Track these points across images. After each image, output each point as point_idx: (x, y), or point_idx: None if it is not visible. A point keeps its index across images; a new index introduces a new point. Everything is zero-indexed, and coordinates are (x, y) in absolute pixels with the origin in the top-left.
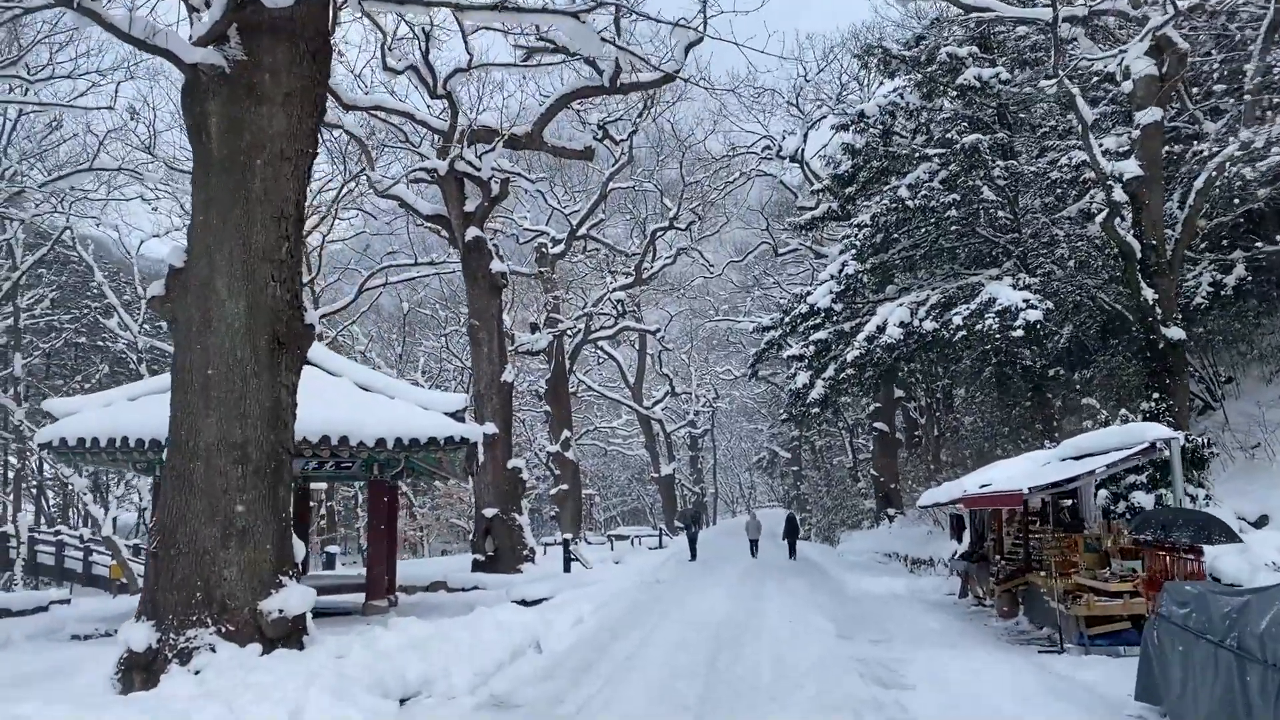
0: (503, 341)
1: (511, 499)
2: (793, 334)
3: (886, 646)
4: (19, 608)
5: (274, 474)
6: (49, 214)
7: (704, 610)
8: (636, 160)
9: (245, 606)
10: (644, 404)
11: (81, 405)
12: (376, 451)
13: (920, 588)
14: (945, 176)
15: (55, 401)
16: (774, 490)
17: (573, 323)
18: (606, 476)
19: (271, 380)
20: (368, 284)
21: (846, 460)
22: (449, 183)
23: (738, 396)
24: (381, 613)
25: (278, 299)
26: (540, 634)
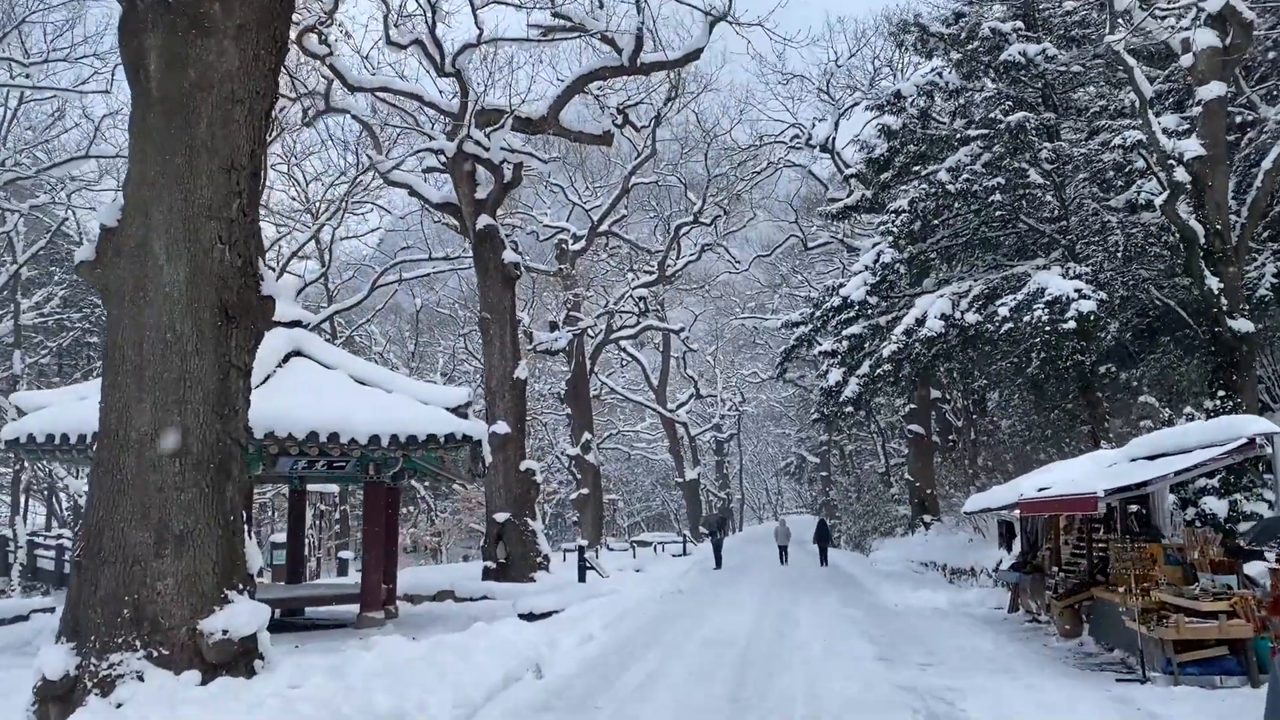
0: (516, 336)
1: (524, 503)
2: (824, 329)
3: (936, 672)
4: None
5: (219, 469)
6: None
7: (728, 627)
8: (660, 154)
9: (182, 626)
10: (668, 407)
11: (52, 399)
12: (370, 449)
13: (964, 601)
14: (988, 159)
15: (22, 395)
16: (802, 496)
17: (593, 321)
18: (630, 481)
19: (217, 359)
20: (381, 280)
21: (878, 465)
22: (459, 168)
23: (765, 400)
24: (376, 626)
25: (226, 264)
26: (542, 655)
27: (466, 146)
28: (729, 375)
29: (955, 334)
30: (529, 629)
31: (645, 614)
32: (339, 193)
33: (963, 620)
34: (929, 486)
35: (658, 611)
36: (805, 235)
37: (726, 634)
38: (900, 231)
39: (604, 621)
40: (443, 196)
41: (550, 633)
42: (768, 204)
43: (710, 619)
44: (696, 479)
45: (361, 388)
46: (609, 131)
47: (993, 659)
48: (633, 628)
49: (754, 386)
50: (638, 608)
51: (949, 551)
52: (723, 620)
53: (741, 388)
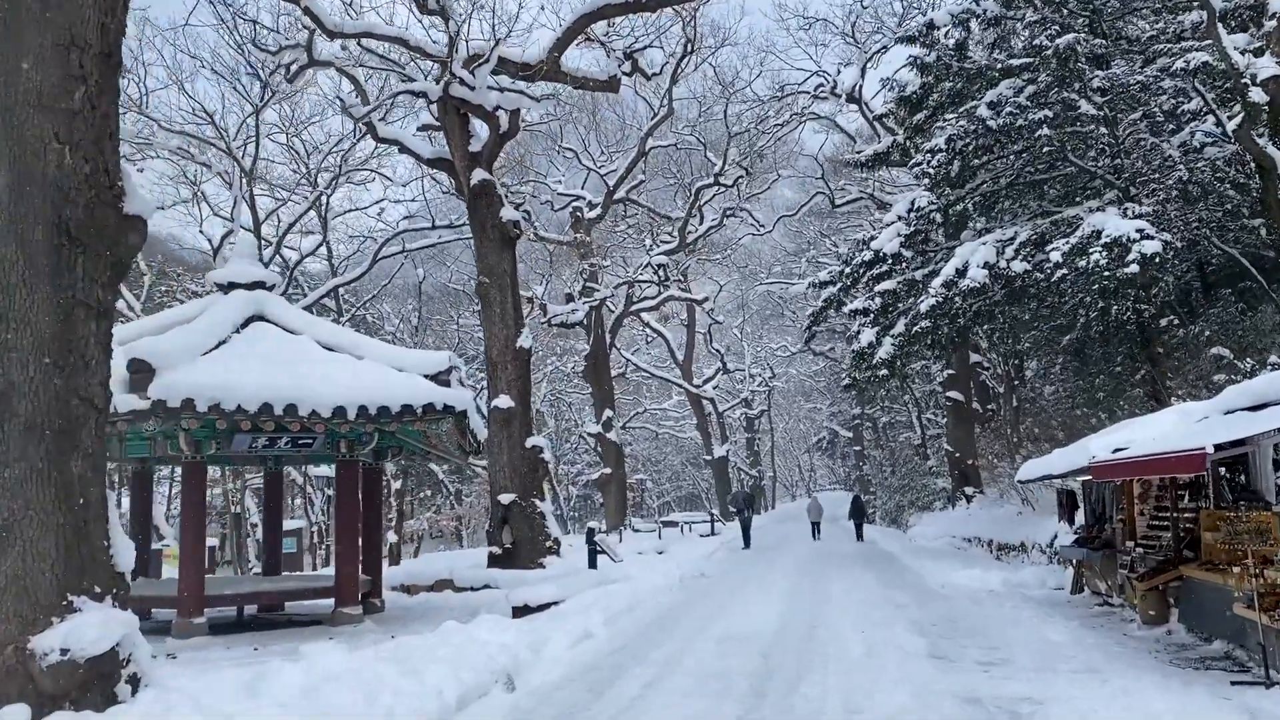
0: (518, 301)
1: (532, 483)
2: (854, 288)
3: (1003, 674)
4: None
5: (61, 437)
6: None
7: (752, 618)
8: (677, 114)
9: (7, 645)
10: (694, 383)
11: None
12: (335, 423)
13: (1020, 581)
14: (1033, 92)
15: None
16: (835, 472)
17: (611, 292)
18: (659, 461)
19: (54, 294)
20: (384, 253)
21: (914, 437)
22: (450, 118)
23: (794, 374)
24: (353, 622)
25: (66, 169)
26: (520, 661)
27: (453, 90)
28: (757, 349)
29: (1000, 286)
30: (512, 628)
31: (658, 604)
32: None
33: (1021, 604)
34: (970, 457)
35: (673, 600)
36: (832, 192)
37: (749, 626)
38: (937, 174)
39: (607, 615)
40: (435, 152)
41: (539, 631)
42: (792, 160)
43: (732, 608)
44: (726, 456)
45: (329, 354)
46: (615, 77)
47: (1069, 655)
48: (640, 622)
49: (783, 361)
50: (651, 597)
51: (995, 525)
52: (747, 610)
53: (770, 362)
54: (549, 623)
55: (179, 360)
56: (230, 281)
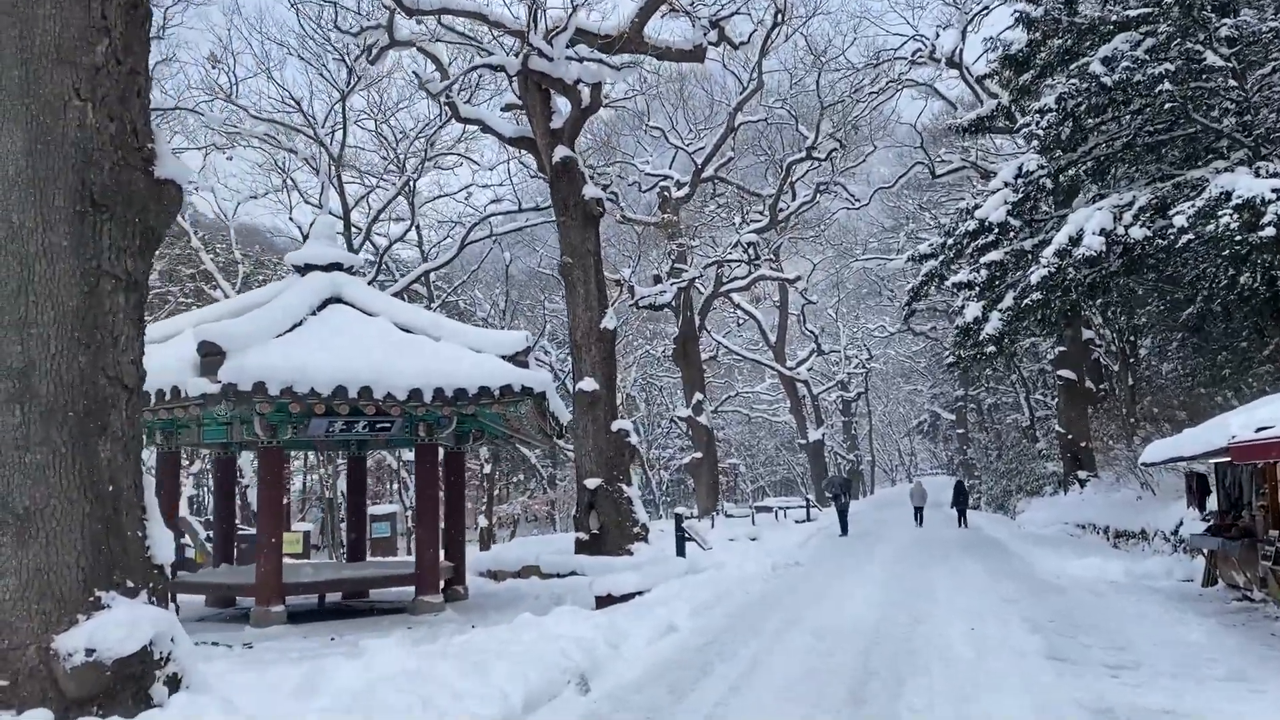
0: (602, 282)
1: (618, 467)
2: (958, 259)
3: (1134, 679)
4: None
5: (86, 419)
6: None
7: (848, 612)
8: (767, 87)
9: (29, 644)
10: (787, 365)
11: None
12: (411, 406)
13: (1144, 571)
14: (1152, 45)
15: None
16: (937, 456)
17: (700, 273)
18: (752, 445)
19: (79, 264)
20: (471, 237)
21: (1022, 418)
22: (531, 95)
23: (894, 355)
24: (433, 610)
25: (89, 129)
26: (598, 657)
27: (532, 63)
28: (853, 330)
29: (1117, 254)
30: (590, 620)
31: (748, 594)
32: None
33: (1148, 597)
34: (1083, 439)
35: (764, 591)
36: (932, 163)
37: (846, 621)
38: (1046, 136)
39: (693, 606)
40: (517, 131)
41: (619, 624)
42: (889, 130)
43: (827, 600)
44: (821, 440)
45: (406, 336)
46: (700, 46)
47: (1209, 658)
48: (728, 614)
49: (881, 341)
50: (740, 586)
51: (1111, 511)
52: (843, 601)
53: (867, 343)
54: (631, 614)
55: (251, 343)
56: (307, 263)
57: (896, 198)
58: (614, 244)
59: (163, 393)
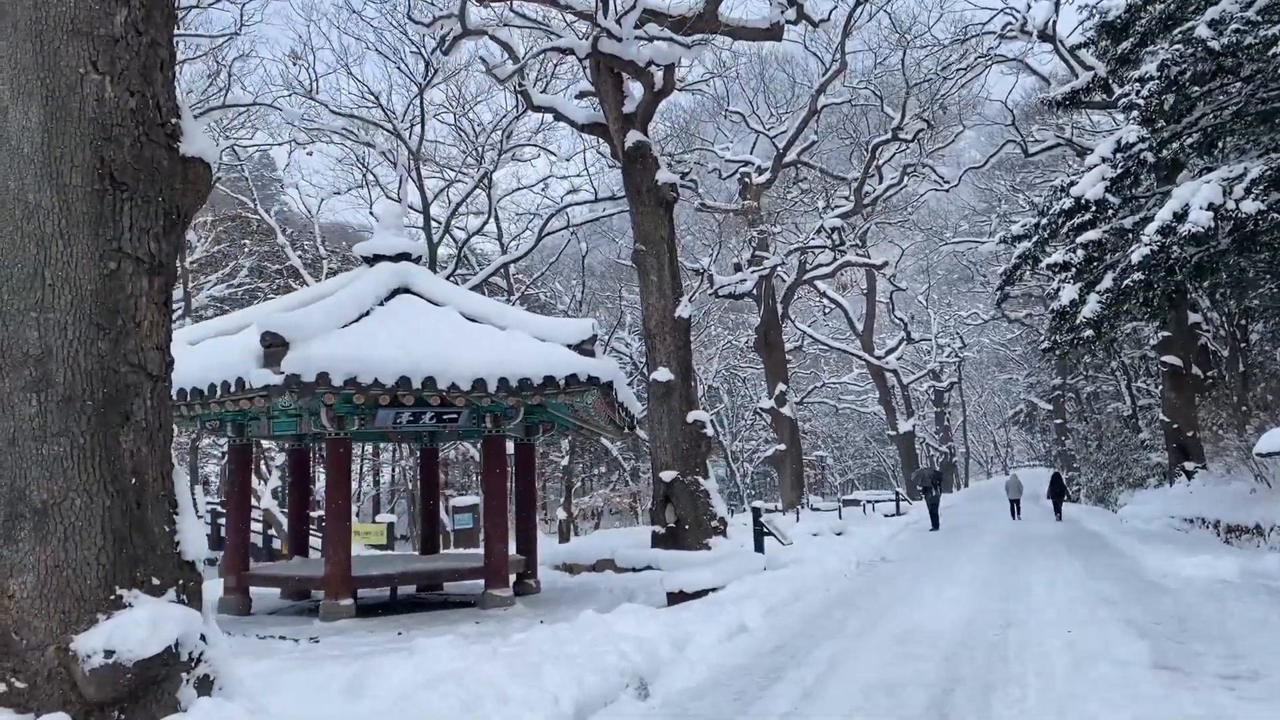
0: (676, 269)
1: (694, 459)
2: (1053, 239)
3: (1257, 693)
4: None
5: (107, 408)
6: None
7: (935, 612)
8: (850, 67)
9: (47, 645)
10: (875, 354)
11: None
12: (475, 396)
13: (1261, 570)
14: (1266, 4)
15: None
16: (1033, 447)
17: (782, 260)
18: (840, 437)
19: (98, 246)
20: (548, 228)
21: (1123, 408)
22: (603, 79)
23: (987, 344)
24: (503, 605)
25: (108, 104)
26: (660, 659)
27: (602, 45)
28: (944, 317)
29: (1227, 231)
30: (657, 619)
31: (828, 593)
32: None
33: (1266, 599)
34: (1190, 428)
35: (846, 589)
36: (1024, 141)
37: (931, 623)
38: (1148, 106)
39: (767, 605)
40: (590, 117)
41: (686, 623)
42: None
43: (913, 599)
44: (912, 432)
45: (472, 326)
46: (777, 24)
47: None
48: (805, 614)
49: (974, 329)
50: (820, 584)
51: (1222, 505)
52: (929, 601)
53: (959, 331)
54: (700, 613)
55: (316, 333)
56: (375, 254)
57: (987, 179)
58: (693, 232)
59: (227, 384)
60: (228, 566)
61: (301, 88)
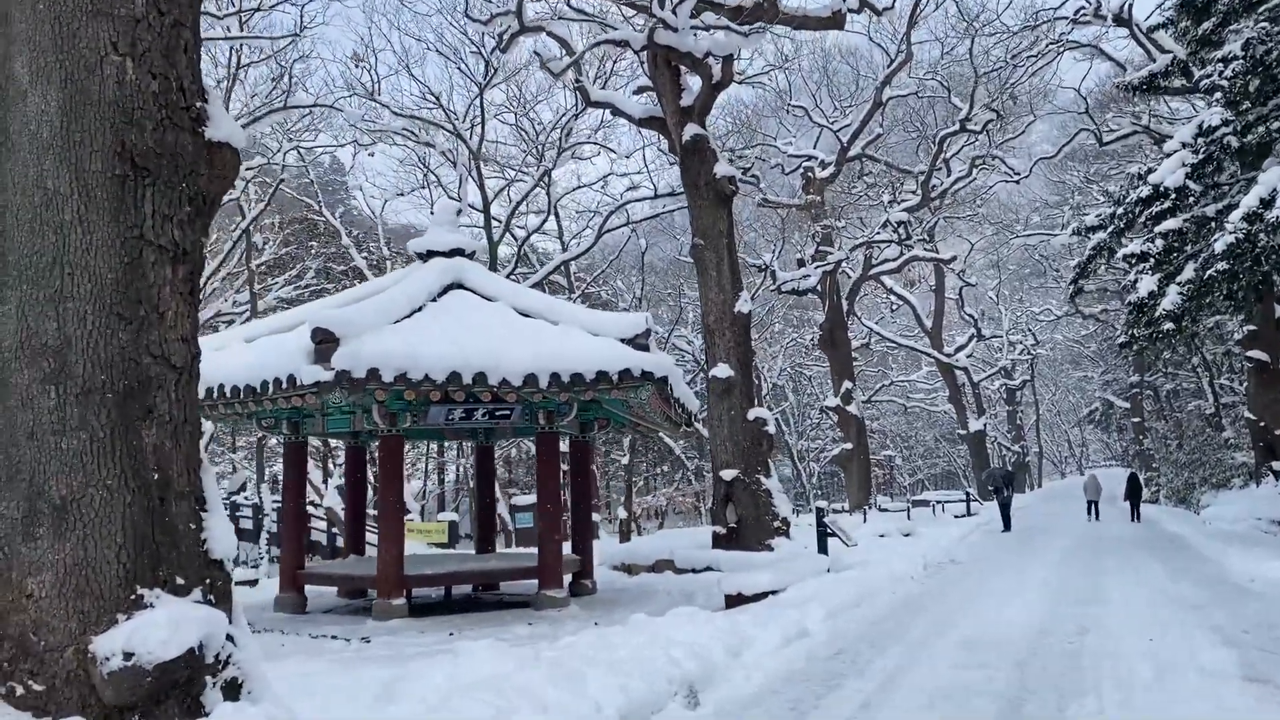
0: (735, 263)
1: (755, 458)
2: (1129, 229)
3: None
4: None
5: (128, 401)
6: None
7: (1005, 618)
8: (916, 58)
9: (66, 646)
10: (945, 352)
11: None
12: (527, 392)
13: None
14: None
15: None
16: (1110, 447)
17: (847, 255)
18: (909, 436)
19: (119, 233)
20: (608, 225)
21: (1205, 405)
22: (660, 72)
23: (1061, 340)
24: (557, 605)
25: (129, 86)
26: (714, 665)
27: (658, 37)
28: (1016, 314)
29: None
30: (712, 622)
31: (893, 597)
32: (569, 139)
33: None
34: (1278, 426)
35: (912, 592)
36: (1099, 129)
37: (1001, 629)
38: (1232, 87)
39: (829, 608)
40: (647, 111)
41: (742, 627)
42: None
43: (982, 603)
44: (983, 431)
45: (524, 321)
46: (839, 13)
47: None
48: (868, 618)
49: (1047, 326)
50: (886, 587)
51: None
52: (1000, 606)
53: (1032, 327)
54: (759, 616)
55: (366, 329)
56: (429, 249)
57: (1060, 170)
58: (755, 228)
59: (279, 381)
60: (283, 565)
61: (364, 89)
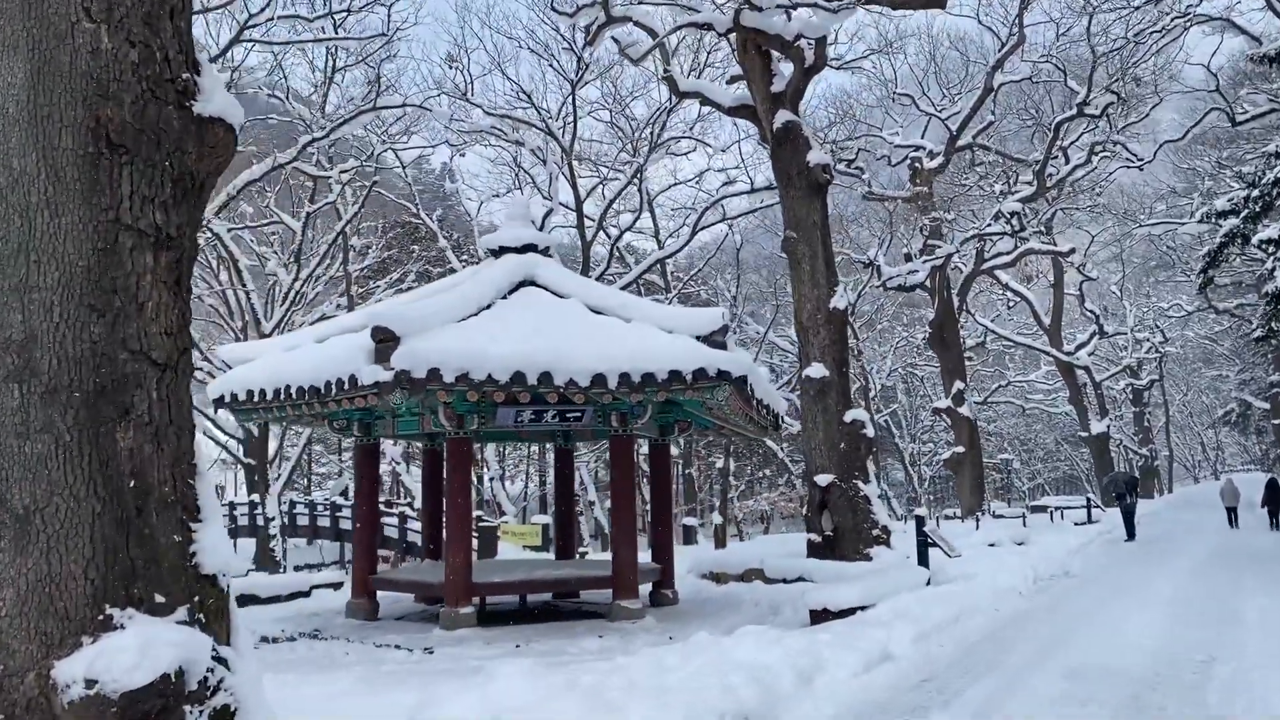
0: (830, 256)
1: (852, 462)
2: (1266, 213)
3: None
4: (271, 593)
5: (99, 401)
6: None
7: (1121, 642)
8: (1030, 41)
9: (30, 670)
10: (1064, 350)
11: (262, 350)
12: (595, 392)
13: None
14: None
15: (231, 347)
16: (1248, 450)
17: (957, 248)
18: (1028, 439)
19: (91, 217)
20: (704, 221)
21: None
22: (750, 58)
23: (1192, 337)
24: (632, 617)
25: (104, 56)
26: (779, 693)
27: (745, 19)
28: (1141, 309)
29: None
30: (782, 644)
31: (995, 615)
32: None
33: None
34: None
35: (1018, 610)
36: (1231, 108)
37: (1113, 655)
38: None
39: (920, 629)
40: (737, 99)
41: (819, 649)
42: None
43: (1096, 624)
44: (1106, 433)
45: (596, 319)
46: None
47: None
48: (963, 640)
49: (1176, 322)
50: (988, 603)
51: None
52: (1115, 627)
53: (1159, 324)
54: (839, 636)
55: (427, 327)
56: (501, 246)
57: (1188, 155)
58: (860, 223)
59: (341, 382)
60: (355, 570)
61: (456, 90)
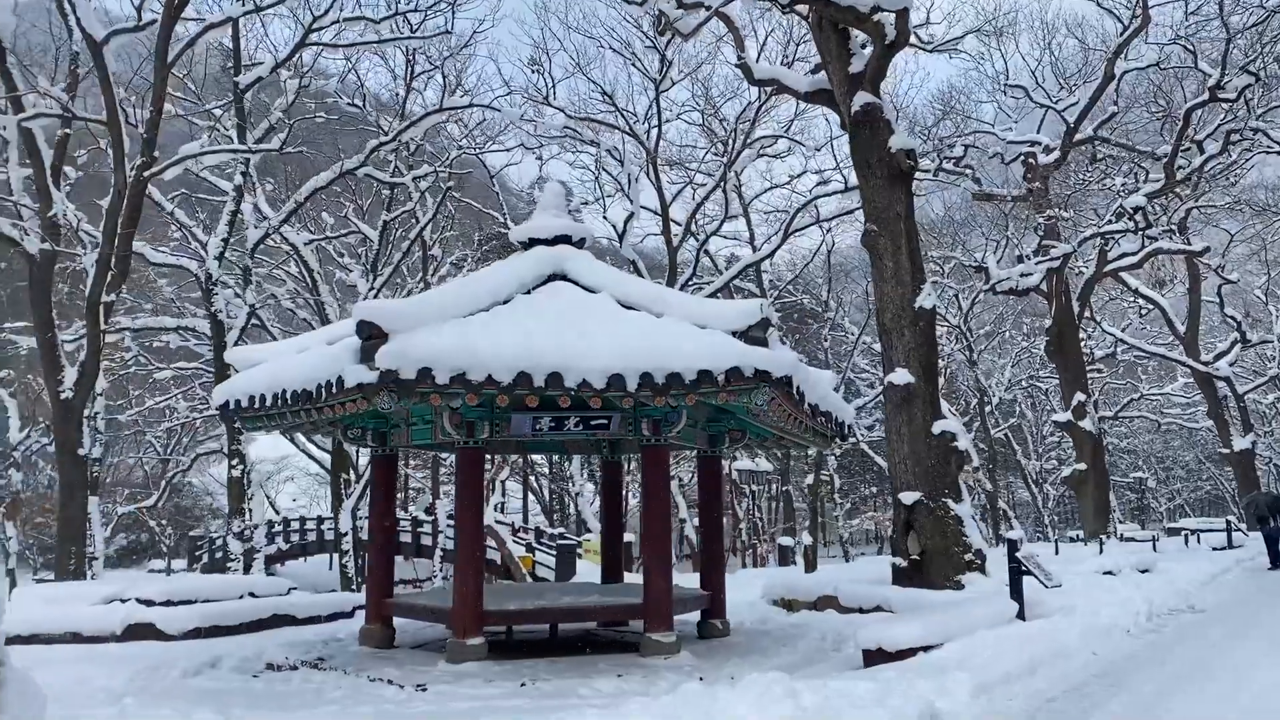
0: (915, 250)
1: (941, 478)
2: None
3: None
4: (310, 613)
5: None
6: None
7: (1247, 698)
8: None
9: None
10: (1201, 359)
11: (270, 353)
12: (612, 395)
13: None
14: None
15: (239, 350)
16: None
17: (1074, 249)
18: (1166, 456)
19: None
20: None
21: None
22: (826, 36)
23: None
24: (665, 652)
25: None
26: None
27: None
28: None
29: None
30: (795, 699)
31: (1090, 659)
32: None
33: None
34: None
35: (1117, 654)
36: None
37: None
38: None
39: (984, 678)
40: (813, 84)
41: (838, 705)
42: None
43: (1213, 675)
44: (1250, 450)
45: (624, 314)
46: None
47: None
48: (1036, 694)
49: None
50: (1080, 646)
51: None
52: (1238, 679)
53: None
54: (880, 687)
55: (423, 323)
56: (530, 237)
57: None
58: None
59: (329, 385)
60: (368, 594)
61: (539, 94)
